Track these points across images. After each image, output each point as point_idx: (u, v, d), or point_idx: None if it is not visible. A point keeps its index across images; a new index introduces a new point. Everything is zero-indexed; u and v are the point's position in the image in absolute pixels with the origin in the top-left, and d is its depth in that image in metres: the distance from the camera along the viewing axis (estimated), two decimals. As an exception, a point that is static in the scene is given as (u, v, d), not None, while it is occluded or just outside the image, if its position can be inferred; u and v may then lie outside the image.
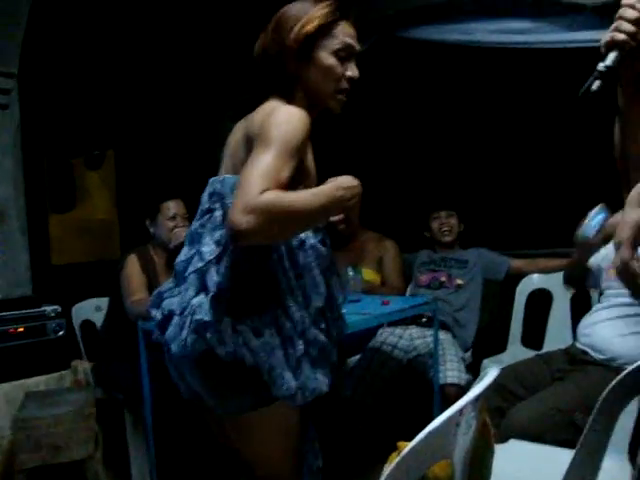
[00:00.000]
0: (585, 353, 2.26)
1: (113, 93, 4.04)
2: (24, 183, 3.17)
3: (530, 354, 2.89)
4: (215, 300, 1.36)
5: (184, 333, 1.37)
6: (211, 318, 1.34)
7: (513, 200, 4.08)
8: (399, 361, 3.01)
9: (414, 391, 2.99)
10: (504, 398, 2.18)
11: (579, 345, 2.32)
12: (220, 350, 1.34)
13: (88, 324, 3.17)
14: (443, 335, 2.96)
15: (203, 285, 1.39)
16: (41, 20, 3.17)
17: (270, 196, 1.21)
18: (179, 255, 1.49)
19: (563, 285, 2.82)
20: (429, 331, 2.93)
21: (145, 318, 2.26)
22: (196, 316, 1.35)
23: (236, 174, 1.38)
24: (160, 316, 1.47)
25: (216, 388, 1.43)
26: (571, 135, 3.77)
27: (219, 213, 1.41)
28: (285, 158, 1.27)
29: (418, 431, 0.86)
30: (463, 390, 2.79)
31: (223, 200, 1.41)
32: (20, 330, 2.81)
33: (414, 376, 2.98)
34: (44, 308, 2.92)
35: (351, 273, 2.81)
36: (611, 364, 2.12)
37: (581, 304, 2.90)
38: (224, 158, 1.50)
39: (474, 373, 3.02)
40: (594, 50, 1.27)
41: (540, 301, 3.23)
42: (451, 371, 2.84)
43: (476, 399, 0.97)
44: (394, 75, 4.16)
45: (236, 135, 1.47)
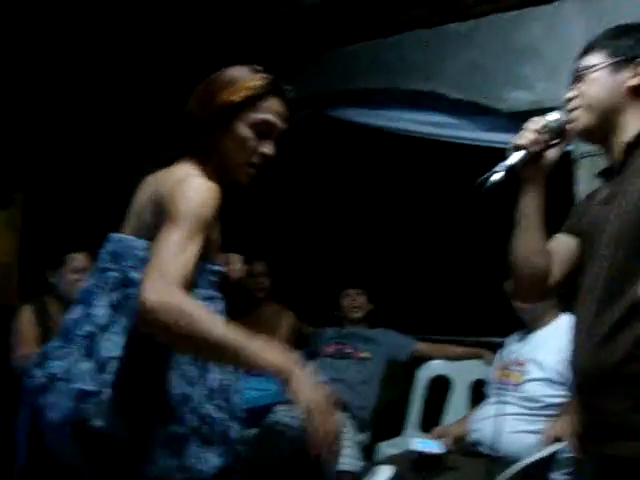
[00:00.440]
0: (474, 445, 2.29)
1: (32, 135, 3.92)
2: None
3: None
4: (100, 369, 1.28)
5: (63, 400, 1.29)
6: (93, 388, 1.26)
7: (423, 285, 4.19)
8: (292, 443, 2.93)
9: (307, 475, 2.91)
10: (397, 486, 2.16)
11: (472, 437, 2.35)
12: (97, 422, 1.26)
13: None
14: (340, 416, 2.92)
15: (89, 350, 1.31)
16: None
17: (188, 307, 1.15)
18: (70, 312, 1.41)
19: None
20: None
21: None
22: (76, 384, 1.27)
23: (139, 236, 1.34)
24: (42, 378, 1.37)
25: (94, 462, 1.33)
26: (480, 228, 3.94)
27: (115, 274, 1.35)
28: (195, 236, 1.24)
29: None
30: (357, 478, 2.75)
31: (121, 262, 1.36)
32: None
33: (308, 459, 2.90)
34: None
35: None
36: (499, 460, 2.15)
37: (480, 394, 2.95)
38: (130, 214, 1.45)
39: (370, 455, 2.99)
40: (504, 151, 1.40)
41: (440, 387, 3.27)
42: (345, 457, 2.79)
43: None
44: (317, 151, 4.27)
45: (145, 193, 1.42)
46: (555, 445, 1.91)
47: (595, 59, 1.32)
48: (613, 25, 1.37)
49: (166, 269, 1.17)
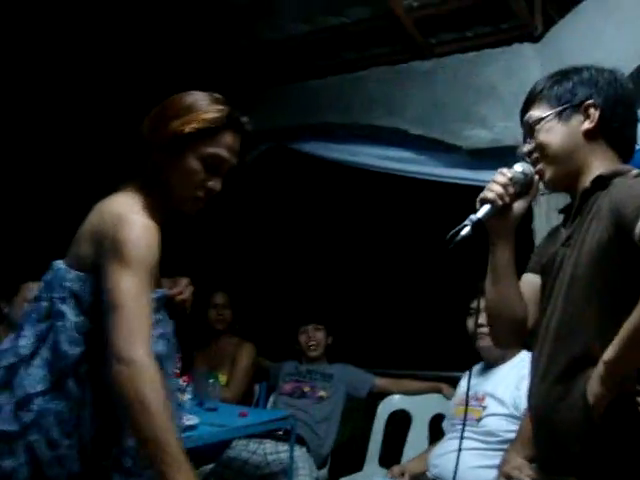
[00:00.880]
0: (436, 482, 2.27)
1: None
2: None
3: (387, 474, 2.87)
4: (20, 405, 1.23)
5: None
6: (12, 428, 1.22)
7: (382, 320, 4.19)
8: (251, 476, 2.87)
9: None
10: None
11: (430, 474, 2.33)
12: (7, 463, 1.21)
13: None
14: (298, 451, 2.87)
15: (8, 384, 1.26)
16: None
17: (153, 383, 1.12)
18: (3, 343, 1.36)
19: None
20: (284, 446, 2.84)
21: None
22: None
23: (72, 266, 1.31)
24: None
25: None
26: (439, 262, 3.98)
27: (45, 304, 1.30)
28: (147, 282, 1.23)
29: None
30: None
31: (51, 292, 1.31)
32: None
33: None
34: None
35: (210, 380, 2.71)
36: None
37: (439, 428, 2.94)
38: (74, 241, 1.38)
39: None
40: (465, 187, 1.40)
41: (400, 421, 3.24)
42: None
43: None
44: (279, 184, 4.28)
45: (89, 222, 1.36)
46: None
47: (540, 111, 1.31)
48: (567, 66, 1.40)
49: (137, 326, 1.16)
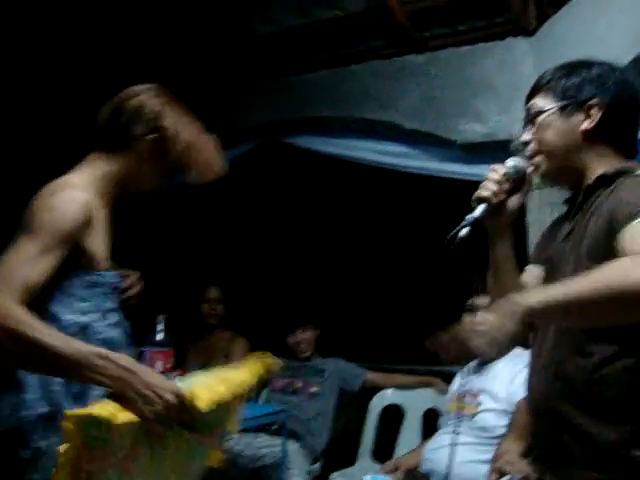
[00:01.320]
0: (428, 476, 2.27)
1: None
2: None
3: (380, 468, 2.87)
4: None
5: None
6: None
7: (375, 314, 4.19)
8: (244, 469, 2.87)
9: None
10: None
11: (424, 468, 2.33)
12: None
13: None
14: (292, 445, 2.88)
15: None
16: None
17: (22, 319, 1.14)
18: None
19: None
20: (277, 440, 2.84)
21: None
22: None
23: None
24: None
25: None
26: (433, 255, 3.98)
27: None
28: (49, 248, 1.23)
29: None
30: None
31: None
32: None
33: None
34: None
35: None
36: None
37: (432, 422, 2.95)
38: None
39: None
40: (459, 182, 1.39)
41: (393, 416, 3.25)
42: None
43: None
44: (270, 179, 4.27)
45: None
46: (505, 476, 1.91)
47: (544, 102, 1.31)
48: (562, 61, 1.39)
49: (9, 280, 1.17)
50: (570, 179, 1.33)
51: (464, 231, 1.26)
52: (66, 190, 1.32)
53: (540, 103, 1.31)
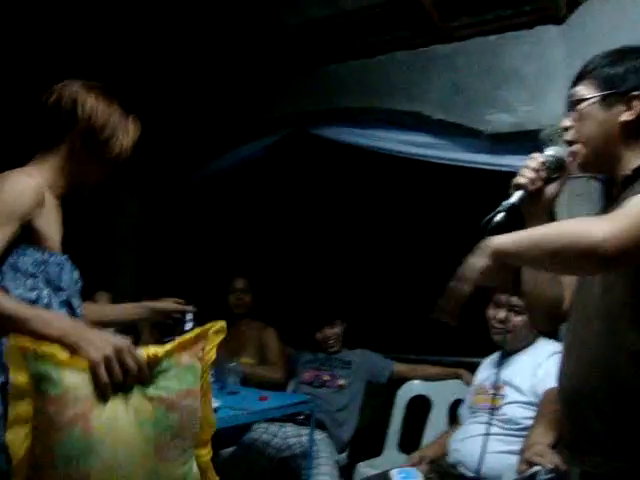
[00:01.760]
0: (454, 467, 2.27)
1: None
2: None
3: (406, 459, 2.87)
4: None
5: None
6: None
7: (401, 305, 4.19)
8: (271, 460, 2.90)
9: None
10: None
11: (450, 459, 2.33)
12: None
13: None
14: (319, 435, 2.90)
15: None
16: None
17: None
18: None
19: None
20: (305, 430, 2.86)
21: None
22: None
23: None
24: None
25: None
26: (462, 247, 3.96)
27: None
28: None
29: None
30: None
31: None
32: None
33: (286, 475, 2.88)
34: None
35: (231, 364, 2.73)
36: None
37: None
38: None
39: (349, 475, 2.96)
40: (486, 173, 1.40)
41: (419, 407, 3.25)
42: (323, 476, 2.76)
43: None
44: (299, 171, 4.28)
45: None
46: (535, 466, 1.89)
47: (586, 90, 1.29)
48: (593, 48, 1.37)
49: None
50: (606, 169, 1.33)
51: (500, 216, 1.29)
52: (17, 174, 1.43)
53: (582, 91, 1.30)
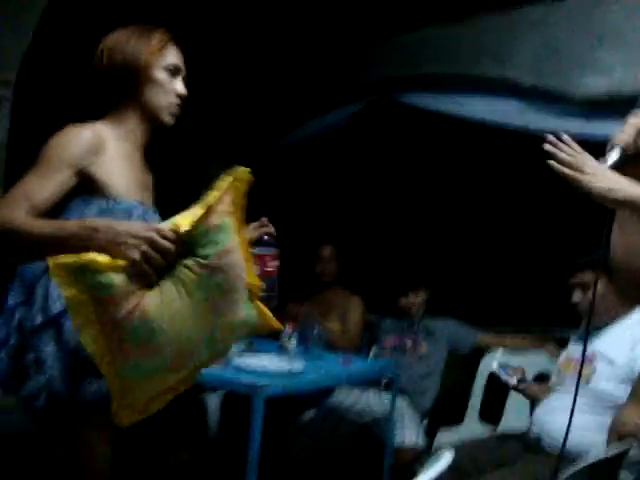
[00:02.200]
0: (539, 440, 2.25)
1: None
2: (3, 188, 3.13)
3: (487, 429, 2.87)
4: None
5: None
6: None
7: (486, 274, 4.12)
8: (353, 424, 2.97)
9: (367, 454, 2.94)
10: (454, 474, 2.14)
11: (534, 431, 2.31)
12: None
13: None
14: (400, 401, 2.94)
15: None
16: (50, 33, 3.18)
17: (7, 220, 1.29)
18: None
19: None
20: (387, 395, 2.90)
21: None
22: None
23: None
24: None
25: None
26: (546, 215, 3.85)
27: None
28: (48, 174, 1.37)
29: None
30: (420, 454, 2.76)
31: None
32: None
33: (368, 440, 2.94)
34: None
35: (315, 329, 2.79)
36: (563, 454, 2.10)
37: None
38: None
39: (429, 442, 2.99)
40: (578, 141, 1.35)
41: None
42: (409, 435, 2.81)
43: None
44: (384, 139, 4.25)
45: None
46: (625, 442, 1.85)
47: None
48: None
49: (10, 199, 1.33)
50: None
51: (616, 153, 1.27)
52: (72, 127, 1.45)
53: None
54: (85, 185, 1.43)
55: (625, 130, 1.27)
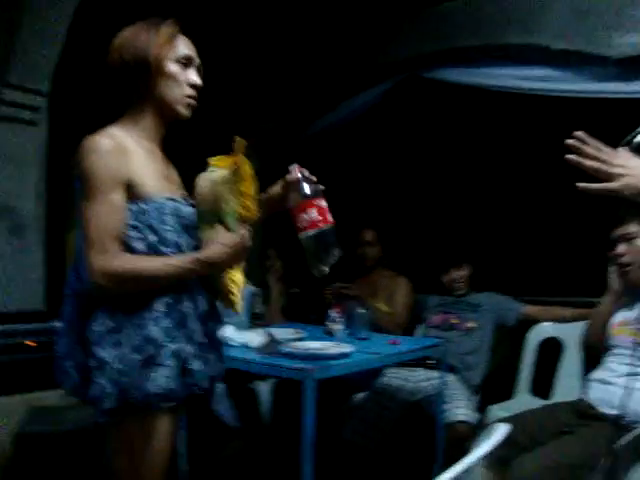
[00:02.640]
0: (593, 408, 2.22)
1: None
2: (47, 199, 3.22)
3: (538, 403, 2.84)
4: None
5: None
6: None
7: (531, 246, 4.06)
8: (404, 403, 2.98)
9: (419, 433, 2.95)
10: (509, 448, 2.13)
11: (587, 399, 2.28)
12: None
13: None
14: (450, 377, 2.93)
15: None
16: (80, 40, 3.24)
17: (122, 263, 1.40)
18: None
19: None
20: (435, 374, 2.90)
21: None
22: None
23: None
24: None
25: None
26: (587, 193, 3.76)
27: None
28: (108, 200, 1.41)
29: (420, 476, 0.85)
30: (473, 429, 2.75)
31: None
32: (30, 344, 2.83)
33: (420, 418, 2.95)
34: (54, 323, 2.94)
35: (361, 311, 2.80)
36: (620, 421, 2.08)
37: (593, 356, 2.86)
38: None
39: (481, 417, 2.98)
40: (617, 101, 1.32)
41: (551, 350, 3.18)
42: (460, 409, 2.81)
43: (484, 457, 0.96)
44: (415, 118, 4.21)
45: None
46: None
47: None
48: None
49: (99, 248, 1.39)
50: None
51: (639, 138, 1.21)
52: (93, 142, 1.43)
53: None
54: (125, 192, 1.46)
55: None
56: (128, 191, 1.44)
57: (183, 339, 1.46)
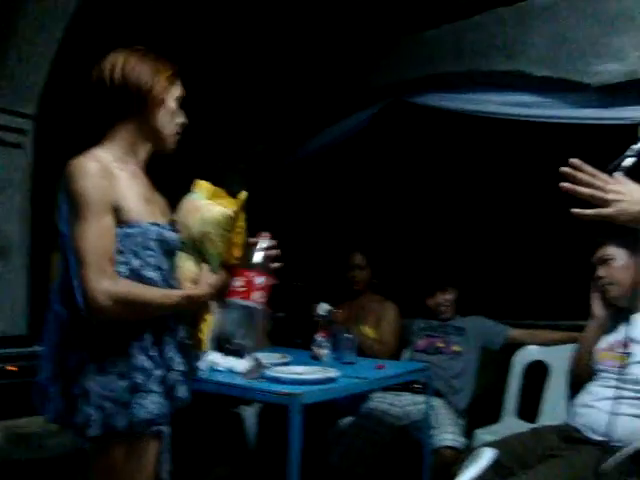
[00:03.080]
0: (579, 432, 2.22)
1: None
2: (31, 221, 3.20)
3: (525, 427, 2.83)
4: None
5: None
6: None
7: (516, 270, 4.10)
8: (390, 428, 2.96)
9: (406, 458, 2.93)
10: (496, 472, 2.13)
11: (573, 423, 2.29)
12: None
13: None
14: (436, 401, 2.93)
15: None
16: (68, 64, 3.25)
17: (123, 285, 1.40)
18: None
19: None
20: (422, 398, 2.89)
21: None
22: None
23: None
24: None
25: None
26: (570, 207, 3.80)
27: None
28: (98, 223, 1.40)
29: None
30: (459, 454, 2.74)
31: None
32: (11, 369, 2.78)
33: (406, 443, 2.93)
34: (35, 348, 2.90)
35: (347, 335, 2.79)
36: (606, 445, 2.08)
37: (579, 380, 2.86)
38: None
39: (468, 442, 2.97)
40: (596, 127, 1.34)
41: (537, 373, 3.19)
42: (447, 434, 2.80)
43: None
44: (401, 142, 4.26)
45: None
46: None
47: None
48: None
49: (92, 261, 1.37)
50: None
51: (629, 161, 1.22)
52: (79, 164, 1.44)
53: None
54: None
55: None
56: (114, 214, 1.44)
57: (166, 367, 1.48)
